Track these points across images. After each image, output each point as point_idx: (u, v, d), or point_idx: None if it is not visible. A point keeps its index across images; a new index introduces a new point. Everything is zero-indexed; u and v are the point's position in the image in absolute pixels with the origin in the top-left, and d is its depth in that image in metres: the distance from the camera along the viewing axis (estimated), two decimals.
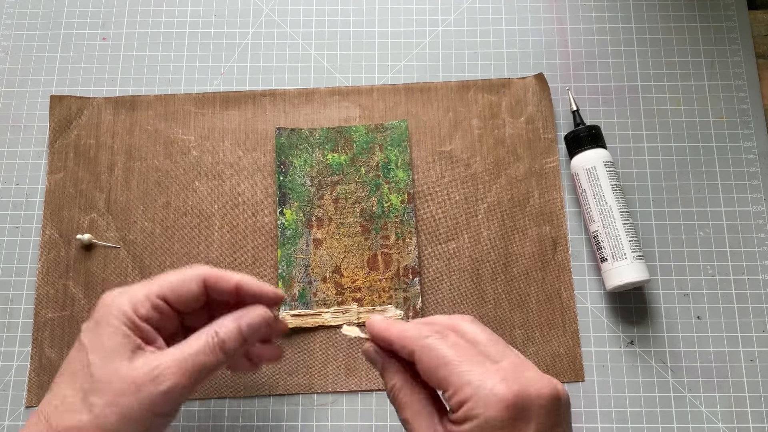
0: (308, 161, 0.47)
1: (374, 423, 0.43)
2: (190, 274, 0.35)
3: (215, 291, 0.35)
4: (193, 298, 0.35)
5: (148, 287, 0.34)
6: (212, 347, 0.33)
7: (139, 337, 0.33)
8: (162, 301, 0.34)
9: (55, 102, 0.49)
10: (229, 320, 0.34)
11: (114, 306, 0.33)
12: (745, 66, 0.49)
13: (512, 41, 0.50)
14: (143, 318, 0.33)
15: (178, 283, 0.34)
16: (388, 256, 0.45)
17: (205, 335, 0.33)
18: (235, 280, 0.35)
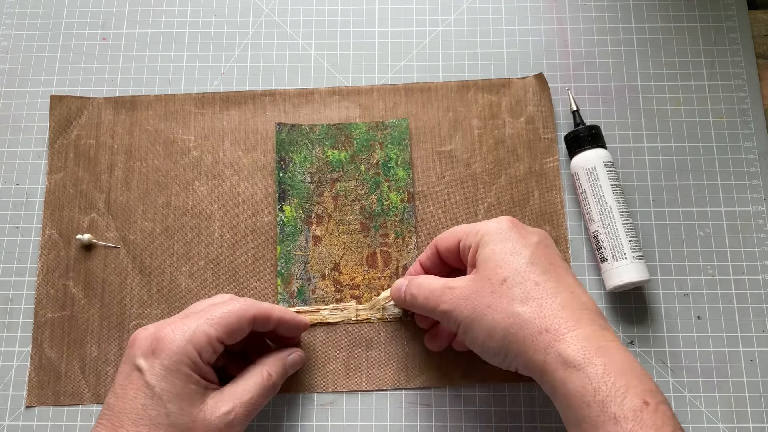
0: (308, 158, 0.47)
1: (374, 423, 0.43)
2: (243, 314, 0.37)
3: (259, 325, 0.38)
4: (243, 335, 0.38)
5: (207, 330, 0.36)
6: (268, 390, 0.38)
7: (204, 379, 0.36)
8: (219, 343, 0.36)
9: (55, 102, 0.49)
10: (278, 362, 0.39)
11: (182, 353, 0.34)
12: (745, 66, 0.49)
13: (512, 41, 0.50)
14: (206, 362, 0.36)
15: (234, 325, 0.37)
16: (388, 255, 0.45)
17: (260, 377, 0.37)
18: (276, 317, 0.39)
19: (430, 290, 0.37)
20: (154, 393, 0.34)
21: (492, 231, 0.37)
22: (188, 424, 0.34)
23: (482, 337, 0.35)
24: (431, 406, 0.43)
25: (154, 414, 0.34)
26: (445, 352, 0.44)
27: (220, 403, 0.35)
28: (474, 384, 0.43)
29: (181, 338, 0.35)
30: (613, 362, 0.31)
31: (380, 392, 0.44)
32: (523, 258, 0.35)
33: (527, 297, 0.34)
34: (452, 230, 0.39)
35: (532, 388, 0.43)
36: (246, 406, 0.36)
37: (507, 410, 0.43)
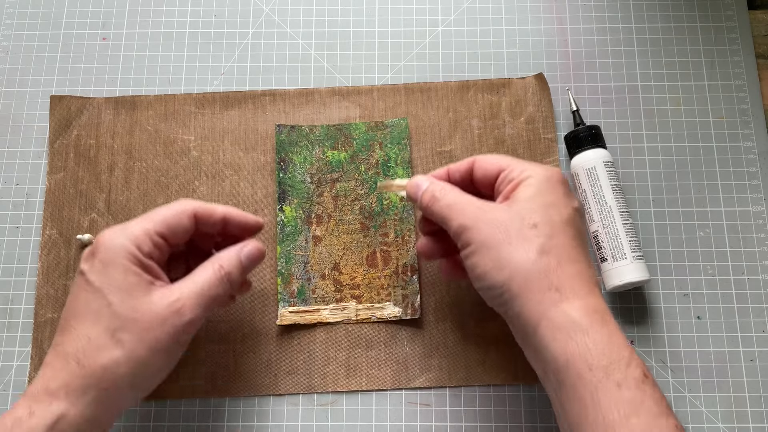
0: (308, 158, 0.47)
1: (374, 423, 0.43)
2: (182, 209, 0.37)
3: (204, 224, 0.38)
4: (186, 232, 0.37)
5: (144, 225, 0.36)
6: (221, 279, 0.36)
7: (148, 273, 0.35)
8: (160, 238, 0.36)
9: (55, 102, 0.49)
10: (231, 254, 0.37)
11: (119, 246, 0.34)
12: (745, 66, 0.49)
13: (512, 41, 0.50)
14: (147, 255, 0.35)
15: (173, 219, 0.36)
16: (387, 254, 0.45)
17: (211, 269, 0.36)
18: (220, 212, 0.38)
19: (454, 199, 0.36)
20: (94, 287, 0.34)
21: (540, 176, 0.35)
22: (131, 314, 0.33)
23: (490, 266, 0.33)
24: (431, 406, 0.43)
25: (95, 306, 0.33)
26: (445, 352, 0.44)
27: (166, 294, 0.35)
28: (474, 384, 0.43)
29: (118, 235, 0.35)
30: (616, 334, 0.32)
31: (380, 392, 0.44)
32: (561, 215, 0.34)
33: (550, 251, 0.33)
34: (497, 157, 0.38)
35: (532, 388, 0.43)
36: (195, 296, 0.35)
37: (507, 410, 0.43)
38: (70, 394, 0.32)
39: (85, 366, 0.33)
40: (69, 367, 0.33)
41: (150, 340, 0.33)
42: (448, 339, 0.44)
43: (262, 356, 0.44)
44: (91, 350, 0.33)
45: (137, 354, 0.33)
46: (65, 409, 0.32)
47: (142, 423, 0.43)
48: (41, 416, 0.31)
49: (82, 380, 0.32)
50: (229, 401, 0.44)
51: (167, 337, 0.34)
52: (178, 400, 0.44)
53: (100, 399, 0.33)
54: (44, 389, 0.32)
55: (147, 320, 0.33)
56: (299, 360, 0.44)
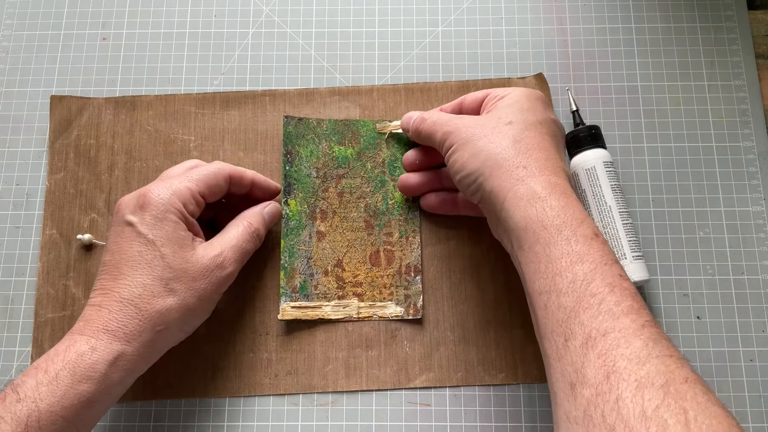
0: (314, 152, 0.47)
1: (374, 423, 0.43)
2: (220, 171, 0.41)
3: (235, 185, 0.42)
4: (221, 192, 0.41)
5: (188, 185, 0.39)
6: (251, 235, 0.41)
7: (191, 230, 0.39)
8: (201, 197, 0.40)
9: (55, 102, 0.49)
10: (256, 212, 0.42)
11: (168, 203, 0.38)
12: (745, 66, 0.49)
13: (512, 41, 0.50)
14: (190, 213, 0.39)
15: (212, 180, 0.40)
16: (391, 253, 0.45)
17: (242, 226, 0.41)
18: (249, 176, 0.43)
19: (440, 116, 0.41)
20: (148, 239, 0.37)
21: (521, 90, 0.40)
22: (182, 265, 0.37)
23: (467, 156, 0.37)
24: (431, 406, 0.43)
25: (149, 257, 0.37)
26: (445, 352, 0.44)
27: (209, 249, 0.39)
28: (474, 384, 0.43)
29: (166, 192, 0.38)
30: (573, 202, 0.34)
31: (380, 392, 0.44)
32: (536, 117, 0.38)
33: (522, 139, 0.37)
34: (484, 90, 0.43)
35: (532, 388, 0.43)
36: (233, 249, 0.39)
37: (507, 410, 0.43)
38: (128, 335, 0.36)
39: (142, 310, 0.36)
40: (126, 310, 0.36)
41: (198, 289, 0.38)
42: (448, 339, 0.44)
43: (262, 356, 0.44)
44: (147, 296, 0.36)
45: (187, 302, 0.37)
46: (123, 348, 0.35)
47: (142, 423, 0.43)
48: (102, 352, 0.35)
49: (140, 323, 0.36)
50: (229, 401, 0.44)
51: (211, 287, 0.38)
52: (178, 400, 0.44)
53: (154, 340, 0.36)
54: (103, 329, 0.35)
55: (195, 272, 0.37)
56: (299, 360, 0.44)
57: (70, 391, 0.33)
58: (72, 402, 0.33)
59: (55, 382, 0.33)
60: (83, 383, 0.34)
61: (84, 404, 0.34)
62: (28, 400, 0.33)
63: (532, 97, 0.39)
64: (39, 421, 0.32)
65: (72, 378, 0.34)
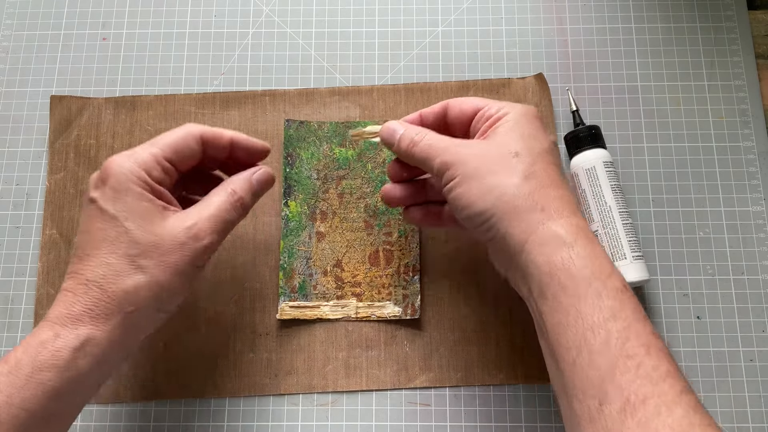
0: (315, 154, 0.47)
1: (374, 423, 0.43)
2: (188, 133, 0.37)
3: (211, 147, 0.38)
4: (193, 157, 0.37)
5: (152, 150, 0.35)
6: (233, 204, 0.37)
7: (160, 199, 0.35)
8: (168, 163, 0.36)
9: (55, 102, 0.49)
10: (242, 179, 0.38)
11: (128, 172, 0.34)
12: (745, 66, 0.49)
13: (512, 41, 0.50)
14: (157, 181, 0.35)
15: (180, 143, 0.36)
16: (390, 253, 0.45)
17: (224, 194, 0.37)
18: (228, 136, 0.38)
19: (434, 139, 0.37)
20: (109, 215, 0.34)
21: (517, 111, 0.37)
22: (150, 239, 0.34)
23: (474, 195, 0.34)
24: (431, 406, 0.43)
25: (113, 234, 0.34)
26: (445, 352, 0.44)
27: (182, 219, 0.35)
28: (474, 384, 0.43)
29: (126, 161, 0.35)
30: (599, 249, 0.33)
31: (380, 392, 0.44)
32: (541, 145, 0.36)
33: (533, 174, 0.34)
34: (470, 99, 0.39)
35: (532, 388, 0.43)
36: (211, 219, 0.35)
37: (507, 410, 0.43)
38: (95, 318, 0.33)
39: (107, 291, 0.33)
40: (91, 292, 0.33)
41: (169, 264, 0.34)
42: (448, 339, 0.44)
43: (262, 356, 0.44)
44: (112, 276, 0.33)
45: (158, 278, 0.34)
46: (90, 332, 0.32)
47: (142, 423, 0.43)
48: (66, 338, 0.32)
49: (106, 305, 0.33)
50: (229, 401, 0.44)
51: (185, 261, 0.34)
52: (178, 400, 0.44)
53: (125, 322, 0.33)
54: (67, 314, 0.33)
55: (165, 245, 0.34)
56: (299, 360, 0.44)
57: (31, 381, 0.31)
58: (34, 393, 0.31)
59: (15, 371, 0.31)
60: (45, 371, 0.31)
61: (49, 395, 0.31)
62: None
63: (531, 117, 0.37)
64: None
65: (32, 366, 0.31)
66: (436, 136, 0.37)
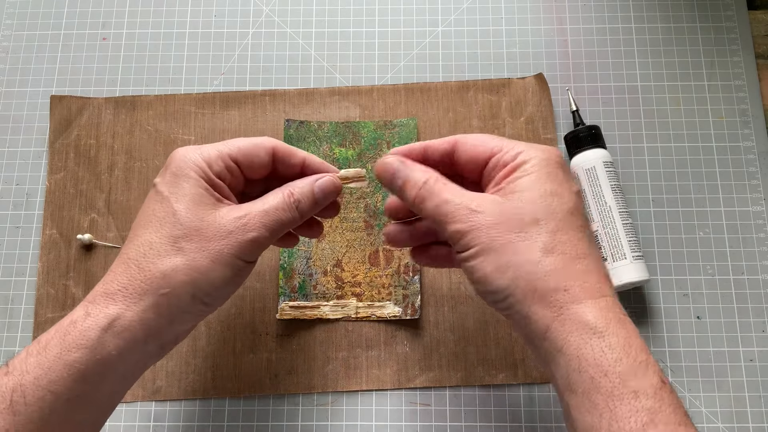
0: (315, 154, 0.47)
1: (374, 423, 0.43)
2: (261, 142, 0.36)
3: (282, 163, 0.37)
4: (262, 166, 0.36)
5: (219, 146, 0.35)
6: (289, 205, 0.35)
7: (216, 191, 0.35)
8: (233, 163, 0.35)
9: (55, 102, 0.49)
10: (304, 182, 0.36)
11: (190, 160, 0.34)
12: (745, 66, 0.49)
13: (512, 41, 0.50)
14: (216, 174, 0.35)
15: (249, 149, 0.36)
16: (390, 253, 0.45)
17: (281, 194, 0.35)
18: (301, 156, 0.37)
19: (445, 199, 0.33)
20: (163, 197, 0.34)
21: (538, 160, 0.32)
22: (195, 223, 0.33)
23: (490, 270, 0.31)
24: (431, 406, 0.43)
25: (162, 214, 0.33)
26: (445, 351, 0.44)
27: (233, 210, 0.34)
28: (474, 384, 0.43)
29: (190, 151, 0.35)
30: (633, 336, 0.30)
31: (380, 392, 0.44)
32: (565, 205, 0.32)
33: (555, 248, 0.31)
34: (483, 137, 0.35)
35: (532, 388, 0.43)
36: (263, 213, 0.34)
37: (507, 410, 0.43)
38: (128, 297, 0.32)
39: (144, 270, 0.32)
40: (129, 270, 0.32)
41: (212, 250, 0.33)
42: (448, 339, 0.44)
43: (262, 356, 0.44)
44: (152, 255, 0.32)
45: (198, 263, 0.32)
46: (120, 311, 0.31)
47: (142, 423, 0.43)
48: (96, 317, 0.31)
49: (141, 284, 0.32)
50: (229, 401, 0.44)
51: (229, 250, 0.33)
52: (178, 400, 0.44)
53: (158, 304, 0.32)
54: (103, 292, 0.32)
55: (210, 231, 0.33)
56: (299, 360, 0.44)
57: (59, 361, 0.30)
58: (60, 374, 0.30)
59: (44, 352, 0.30)
60: (73, 352, 0.30)
61: (75, 377, 0.30)
62: (15, 372, 0.30)
63: (553, 167, 0.33)
64: (24, 395, 0.29)
65: (61, 346, 0.30)
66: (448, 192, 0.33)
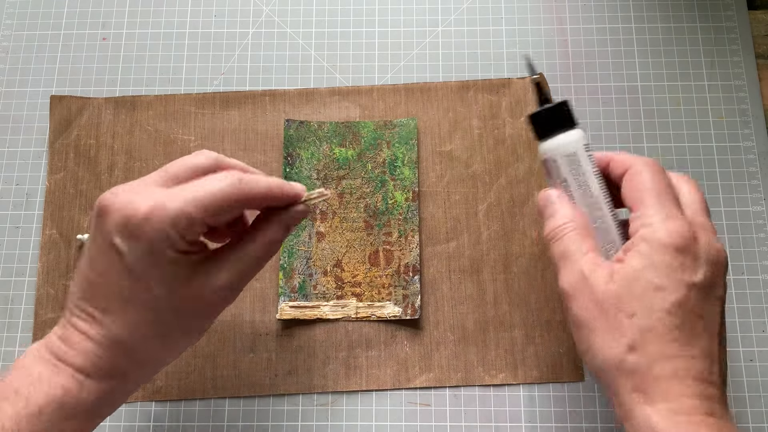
0: (315, 154, 0.47)
1: (374, 423, 0.43)
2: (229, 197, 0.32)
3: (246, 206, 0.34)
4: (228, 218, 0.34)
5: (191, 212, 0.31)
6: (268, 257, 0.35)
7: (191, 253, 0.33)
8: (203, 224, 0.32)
9: (55, 102, 0.49)
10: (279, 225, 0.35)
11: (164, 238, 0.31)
12: (745, 66, 0.49)
13: (512, 41, 0.50)
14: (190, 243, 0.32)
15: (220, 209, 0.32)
16: (390, 253, 0.45)
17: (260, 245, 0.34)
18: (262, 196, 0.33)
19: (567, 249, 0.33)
20: (136, 275, 0.31)
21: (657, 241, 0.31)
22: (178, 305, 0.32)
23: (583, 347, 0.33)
24: (431, 406, 0.43)
25: (142, 299, 0.32)
26: (445, 352, 0.44)
27: (214, 278, 0.33)
28: (474, 384, 0.43)
29: (161, 221, 0.31)
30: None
31: (380, 392, 0.44)
32: (667, 302, 0.30)
33: (642, 347, 0.30)
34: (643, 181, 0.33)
35: (532, 388, 0.43)
36: (244, 279, 0.34)
37: (507, 410, 0.43)
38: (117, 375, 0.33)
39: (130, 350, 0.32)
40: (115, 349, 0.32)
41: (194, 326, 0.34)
42: (448, 339, 0.44)
43: (262, 356, 0.44)
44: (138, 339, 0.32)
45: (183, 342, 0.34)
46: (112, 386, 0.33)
47: (142, 423, 0.43)
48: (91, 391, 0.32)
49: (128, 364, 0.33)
50: (229, 401, 0.44)
51: (208, 323, 0.35)
52: (178, 400, 0.44)
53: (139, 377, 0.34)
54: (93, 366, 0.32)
55: (192, 310, 0.33)
56: (299, 360, 0.44)
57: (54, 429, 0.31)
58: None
59: (37, 417, 0.30)
60: (69, 420, 0.31)
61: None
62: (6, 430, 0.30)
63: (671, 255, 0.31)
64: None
65: (58, 416, 0.31)
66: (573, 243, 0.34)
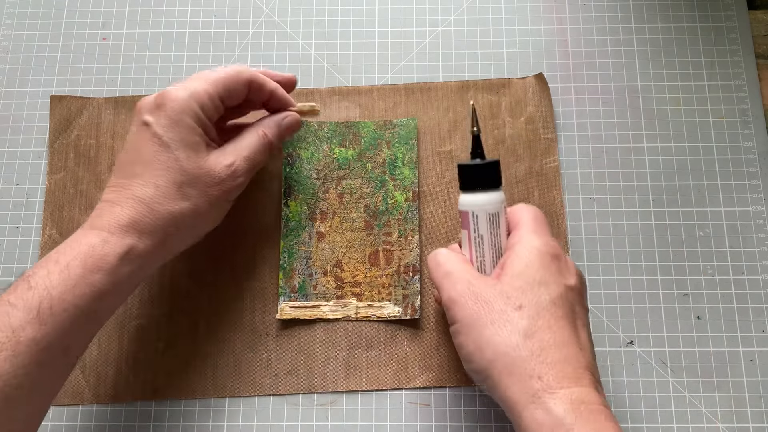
0: (315, 154, 0.47)
1: (374, 423, 0.43)
2: (240, 75, 0.39)
3: (255, 93, 0.41)
4: (239, 98, 0.40)
5: (207, 87, 0.38)
6: (264, 146, 0.41)
7: (206, 134, 0.39)
8: (219, 100, 0.39)
9: (55, 102, 0.49)
10: (272, 122, 0.42)
11: (186, 106, 0.37)
12: (745, 66, 0.49)
13: (512, 41, 0.50)
14: (208, 117, 0.38)
15: (231, 84, 0.39)
16: (390, 253, 0.45)
17: (256, 136, 0.40)
18: (271, 87, 0.41)
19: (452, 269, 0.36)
20: (162, 141, 0.36)
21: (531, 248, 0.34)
22: (195, 171, 0.37)
23: (472, 347, 0.33)
24: (431, 406, 0.43)
25: (164, 159, 0.36)
26: (445, 352, 0.44)
27: (221, 157, 0.38)
28: (474, 384, 0.43)
29: (183, 94, 0.37)
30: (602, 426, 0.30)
31: (380, 392, 0.44)
32: (549, 295, 0.33)
33: (534, 333, 0.32)
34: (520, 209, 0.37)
35: None
36: (246, 160, 0.39)
37: None
38: (140, 232, 0.36)
39: (154, 211, 0.36)
40: (139, 207, 0.36)
41: (210, 195, 0.38)
42: (448, 339, 0.44)
43: (262, 356, 0.44)
44: (160, 197, 0.36)
45: (199, 207, 0.38)
46: (134, 244, 0.36)
47: (142, 423, 0.43)
48: (114, 245, 0.35)
49: (152, 222, 0.36)
50: (229, 401, 0.44)
51: (222, 195, 0.38)
52: (178, 400, 0.44)
53: (165, 240, 0.37)
54: (115, 223, 0.36)
55: (208, 178, 0.38)
56: (299, 360, 0.44)
57: (82, 281, 0.33)
58: (84, 291, 0.33)
59: (66, 271, 0.33)
60: (95, 273, 0.34)
61: (96, 295, 0.34)
62: (39, 288, 0.33)
63: (545, 259, 0.34)
64: (51, 307, 0.32)
65: (83, 268, 0.34)
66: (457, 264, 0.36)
